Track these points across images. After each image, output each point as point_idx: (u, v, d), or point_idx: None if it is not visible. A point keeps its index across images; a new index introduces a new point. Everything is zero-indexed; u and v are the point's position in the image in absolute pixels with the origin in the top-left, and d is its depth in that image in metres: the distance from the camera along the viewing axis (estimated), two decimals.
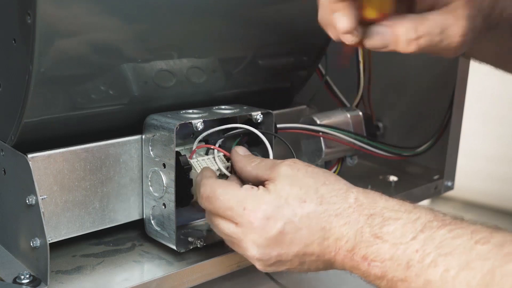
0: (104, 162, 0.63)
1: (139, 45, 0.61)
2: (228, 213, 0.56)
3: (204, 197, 0.58)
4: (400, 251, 0.50)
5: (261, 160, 0.61)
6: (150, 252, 0.65)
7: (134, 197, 0.66)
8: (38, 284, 0.57)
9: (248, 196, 0.56)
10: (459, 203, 2.84)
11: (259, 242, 0.55)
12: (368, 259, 0.51)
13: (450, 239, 0.49)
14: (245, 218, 0.55)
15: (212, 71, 0.68)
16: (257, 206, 0.55)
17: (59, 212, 0.61)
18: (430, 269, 0.48)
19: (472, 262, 0.47)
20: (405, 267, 0.50)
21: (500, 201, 2.73)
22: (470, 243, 0.48)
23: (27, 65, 0.54)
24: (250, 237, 0.55)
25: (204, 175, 0.60)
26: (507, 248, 0.46)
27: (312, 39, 0.76)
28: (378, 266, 0.51)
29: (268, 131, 0.67)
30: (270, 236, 0.54)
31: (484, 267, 0.46)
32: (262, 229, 0.54)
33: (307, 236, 0.54)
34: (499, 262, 0.45)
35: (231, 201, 0.56)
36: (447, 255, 0.48)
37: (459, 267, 0.47)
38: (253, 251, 0.55)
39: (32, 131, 0.58)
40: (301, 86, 0.81)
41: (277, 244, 0.54)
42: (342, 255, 0.53)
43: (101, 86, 0.60)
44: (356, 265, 0.53)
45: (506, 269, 0.45)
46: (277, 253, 0.55)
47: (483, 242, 0.47)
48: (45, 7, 0.51)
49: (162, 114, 0.64)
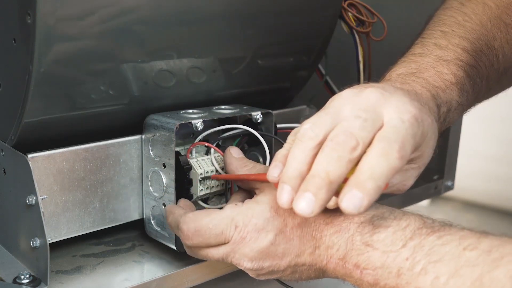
0: (104, 162, 0.63)
1: (139, 45, 0.61)
2: (220, 239, 0.55)
3: (191, 233, 0.56)
4: (391, 259, 0.50)
5: (253, 165, 0.61)
6: (150, 252, 0.65)
7: (134, 197, 0.66)
8: (38, 284, 0.57)
9: (236, 213, 0.55)
10: (459, 203, 2.84)
11: (251, 256, 0.55)
12: (360, 267, 0.52)
13: (439, 246, 0.49)
14: (237, 235, 0.55)
15: (212, 71, 0.68)
16: (248, 220, 0.55)
17: (59, 212, 0.61)
18: (421, 277, 0.49)
19: (461, 269, 0.47)
20: (396, 275, 0.50)
21: (500, 201, 2.73)
22: (459, 249, 0.48)
23: (27, 65, 0.54)
24: (242, 251, 0.55)
25: (177, 214, 0.58)
26: (494, 253, 0.47)
27: (312, 39, 0.76)
28: (371, 274, 0.51)
29: (268, 131, 0.67)
30: (261, 248, 0.54)
31: (473, 273, 0.46)
32: (253, 242, 0.54)
33: (298, 246, 0.54)
34: (487, 268, 0.46)
35: (221, 225, 0.55)
36: (436, 262, 0.48)
37: (449, 274, 0.47)
38: (246, 264, 0.55)
39: (32, 131, 0.58)
40: (301, 86, 0.81)
41: (269, 256, 0.55)
42: (334, 263, 0.54)
43: (101, 86, 0.60)
44: (348, 273, 0.53)
45: (494, 274, 0.45)
46: (269, 264, 0.55)
47: (471, 248, 0.48)
48: (45, 7, 0.51)
49: (162, 114, 0.64)
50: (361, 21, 0.78)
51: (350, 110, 0.51)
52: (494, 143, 2.74)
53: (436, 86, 0.61)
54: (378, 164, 0.48)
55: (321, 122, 0.51)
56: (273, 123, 0.67)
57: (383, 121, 0.50)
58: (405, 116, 0.51)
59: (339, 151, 0.49)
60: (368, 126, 0.50)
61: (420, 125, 0.51)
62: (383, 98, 0.52)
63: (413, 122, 0.51)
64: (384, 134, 0.49)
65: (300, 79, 0.80)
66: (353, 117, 0.50)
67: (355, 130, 0.49)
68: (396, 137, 0.49)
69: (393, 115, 0.51)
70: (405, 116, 0.51)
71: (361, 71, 0.81)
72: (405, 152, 0.49)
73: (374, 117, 0.50)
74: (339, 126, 0.50)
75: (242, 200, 0.60)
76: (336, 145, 0.49)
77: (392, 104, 0.51)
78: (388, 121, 0.50)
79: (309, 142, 0.50)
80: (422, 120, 0.52)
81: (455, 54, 0.65)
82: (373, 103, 0.51)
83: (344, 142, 0.49)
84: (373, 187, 0.47)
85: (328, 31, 0.76)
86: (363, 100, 0.52)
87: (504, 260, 0.46)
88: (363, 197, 0.47)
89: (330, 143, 0.49)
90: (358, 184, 0.48)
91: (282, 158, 0.53)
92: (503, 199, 2.73)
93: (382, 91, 0.53)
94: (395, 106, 0.51)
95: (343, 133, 0.49)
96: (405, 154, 0.49)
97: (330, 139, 0.50)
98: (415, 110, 0.52)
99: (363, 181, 0.48)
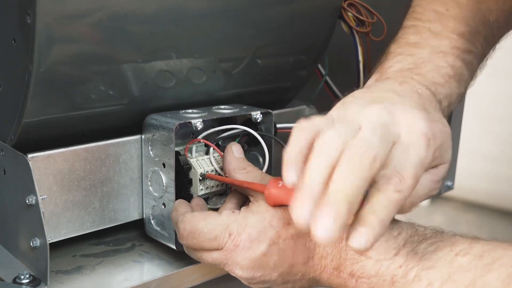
0: (104, 162, 0.63)
1: (139, 46, 0.61)
2: (213, 244, 0.56)
3: (186, 234, 0.57)
4: (384, 267, 0.51)
5: (252, 169, 0.61)
6: (150, 252, 0.65)
7: (134, 197, 0.66)
8: (38, 284, 0.57)
9: (232, 221, 0.56)
10: (459, 203, 2.84)
11: (242, 264, 0.55)
12: (356, 275, 0.52)
13: (432, 252, 0.50)
14: (231, 242, 0.55)
15: (212, 71, 0.68)
16: (242, 229, 0.55)
17: (59, 212, 0.61)
18: (414, 284, 0.49)
19: (454, 275, 0.47)
20: (390, 283, 0.50)
21: (500, 201, 2.73)
22: (451, 255, 0.49)
23: (27, 65, 0.54)
24: (234, 259, 0.55)
25: (179, 212, 0.59)
26: (486, 258, 0.47)
27: (312, 39, 0.76)
28: (366, 282, 0.52)
29: (268, 131, 0.67)
30: (253, 258, 0.55)
31: (465, 279, 0.47)
32: (246, 251, 0.55)
33: (292, 257, 0.55)
34: (480, 272, 0.46)
35: (216, 231, 0.55)
36: (429, 268, 0.49)
37: (442, 280, 0.48)
38: (238, 272, 0.56)
39: (32, 131, 0.58)
40: (301, 86, 0.81)
41: (261, 266, 0.55)
42: (328, 273, 0.54)
43: (101, 86, 0.60)
44: (344, 282, 0.53)
45: (486, 279, 0.46)
46: (261, 274, 0.55)
47: (463, 253, 0.48)
48: (45, 7, 0.51)
49: (161, 114, 0.64)
50: (361, 21, 0.78)
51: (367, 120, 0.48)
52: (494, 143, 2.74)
53: (435, 83, 0.60)
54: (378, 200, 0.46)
55: (342, 132, 0.47)
56: (273, 123, 0.67)
57: (394, 141, 0.49)
58: (415, 138, 0.50)
59: (358, 167, 0.44)
60: (386, 140, 0.47)
61: (431, 144, 0.51)
62: (392, 114, 0.51)
63: (422, 144, 0.50)
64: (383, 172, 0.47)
65: (300, 79, 0.80)
66: (371, 129, 0.47)
67: (374, 143, 0.46)
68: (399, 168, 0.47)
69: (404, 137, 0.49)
70: (415, 139, 0.50)
71: (361, 71, 0.81)
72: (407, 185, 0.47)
73: (387, 134, 0.48)
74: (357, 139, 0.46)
75: (238, 203, 0.60)
76: (354, 161, 0.44)
77: (402, 123, 0.50)
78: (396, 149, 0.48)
79: (332, 152, 0.45)
80: (434, 135, 0.51)
81: (451, 42, 0.64)
82: (384, 119, 0.50)
83: (363, 156, 0.45)
84: (376, 222, 0.45)
85: (328, 31, 0.76)
86: (374, 113, 0.50)
87: (496, 264, 0.46)
88: (368, 233, 0.44)
89: (349, 158, 0.45)
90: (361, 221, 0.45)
91: (296, 158, 0.46)
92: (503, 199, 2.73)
93: (389, 106, 0.51)
94: (406, 125, 0.50)
95: (363, 147, 0.45)
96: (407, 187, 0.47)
97: (349, 154, 0.45)
98: (426, 127, 0.50)
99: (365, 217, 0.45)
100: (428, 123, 0.51)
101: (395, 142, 0.49)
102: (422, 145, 0.50)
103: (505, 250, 0.47)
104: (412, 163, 0.48)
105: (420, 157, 0.49)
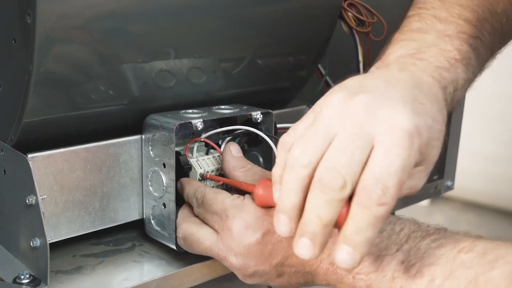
0: (104, 162, 0.63)
1: (139, 46, 0.61)
2: (213, 218, 0.57)
3: (197, 202, 0.60)
4: (385, 263, 0.50)
5: (251, 167, 0.61)
6: (150, 252, 0.65)
7: (134, 197, 0.66)
8: (38, 284, 0.57)
9: (232, 205, 0.56)
10: (459, 203, 2.84)
11: (236, 251, 0.55)
12: (353, 271, 0.52)
13: (434, 248, 0.49)
14: (225, 225, 0.55)
15: (212, 71, 0.68)
16: (238, 214, 0.55)
17: (59, 212, 0.61)
18: (416, 280, 0.49)
19: (456, 271, 0.47)
20: (390, 279, 0.50)
21: (500, 201, 2.73)
22: (454, 252, 0.49)
23: (27, 65, 0.54)
24: (228, 244, 0.55)
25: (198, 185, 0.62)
26: (489, 256, 0.47)
27: (312, 39, 0.76)
28: (363, 279, 0.51)
29: (268, 131, 0.67)
30: (247, 245, 0.55)
31: (468, 275, 0.47)
32: (240, 238, 0.55)
33: (287, 248, 0.55)
34: (482, 269, 0.46)
35: (218, 208, 0.57)
36: (431, 265, 0.49)
37: (444, 276, 0.48)
38: (231, 259, 0.56)
39: (32, 131, 0.58)
40: (301, 86, 0.81)
41: (255, 254, 0.55)
42: (325, 268, 0.54)
43: (101, 86, 0.60)
44: (340, 279, 0.53)
45: (489, 276, 0.46)
46: (254, 263, 0.55)
47: (466, 251, 0.48)
48: (45, 7, 0.51)
49: (162, 114, 0.64)
50: (361, 21, 0.78)
51: (341, 128, 0.47)
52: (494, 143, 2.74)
53: (439, 67, 0.56)
54: (362, 218, 0.45)
55: (312, 146, 0.47)
56: (273, 123, 0.67)
57: (373, 144, 0.46)
58: (396, 137, 0.46)
59: (328, 193, 0.45)
60: (356, 160, 0.45)
61: (415, 141, 0.47)
62: (371, 111, 0.47)
63: (405, 144, 0.46)
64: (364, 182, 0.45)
65: (300, 79, 0.80)
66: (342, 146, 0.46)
67: (342, 167, 0.45)
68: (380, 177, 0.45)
69: (384, 138, 0.46)
70: (396, 139, 0.46)
71: (361, 71, 0.81)
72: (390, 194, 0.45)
73: (362, 143, 0.46)
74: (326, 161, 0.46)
75: None
76: (324, 188, 0.46)
77: (381, 120, 0.47)
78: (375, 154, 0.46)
79: (302, 171, 0.47)
80: (418, 131, 0.47)
81: (457, 27, 0.61)
82: (361, 118, 0.47)
83: (331, 184, 0.45)
84: (361, 240, 0.45)
85: (328, 31, 0.76)
86: (350, 113, 0.47)
87: (499, 262, 0.46)
88: (354, 252, 0.45)
89: (318, 185, 0.46)
90: (346, 239, 0.46)
91: (280, 179, 0.50)
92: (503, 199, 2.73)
93: (370, 100, 0.47)
94: (384, 122, 0.46)
95: (330, 173, 0.46)
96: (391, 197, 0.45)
97: (318, 181, 0.46)
98: (408, 122, 0.46)
99: (350, 236, 0.45)
100: (412, 118, 0.47)
101: (374, 145, 0.46)
102: (405, 146, 0.45)
103: (509, 249, 0.47)
104: (395, 168, 0.45)
105: (402, 159, 0.45)
